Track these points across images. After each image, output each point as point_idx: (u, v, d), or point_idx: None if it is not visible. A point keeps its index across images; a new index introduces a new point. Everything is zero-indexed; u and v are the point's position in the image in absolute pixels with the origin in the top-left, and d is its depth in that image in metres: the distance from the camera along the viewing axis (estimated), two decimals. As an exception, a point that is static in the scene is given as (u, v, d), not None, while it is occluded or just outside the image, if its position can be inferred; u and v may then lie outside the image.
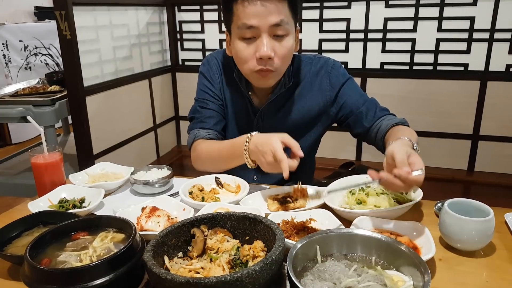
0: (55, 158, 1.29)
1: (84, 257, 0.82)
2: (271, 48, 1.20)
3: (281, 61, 1.23)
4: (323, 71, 1.39)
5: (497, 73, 2.50)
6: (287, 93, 1.39)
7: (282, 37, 1.21)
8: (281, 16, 1.18)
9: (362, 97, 1.39)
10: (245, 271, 0.67)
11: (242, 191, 1.24)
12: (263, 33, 1.19)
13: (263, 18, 1.17)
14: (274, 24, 1.18)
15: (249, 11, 1.18)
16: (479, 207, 0.96)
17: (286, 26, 1.20)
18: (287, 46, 1.22)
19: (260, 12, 1.17)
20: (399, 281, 0.73)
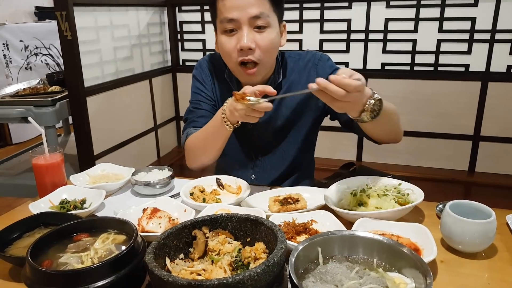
0: (56, 159, 1.29)
1: (85, 259, 0.82)
2: (251, 39, 1.23)
3: (263, 53, 1.26)
4: (310, 64, 1.42)
5: (498, 74, 2.50)
6: (277, 89, 1.38)
7: (263, 28, 1.24)
8: (261, 9, 1.22)
9: None
10: (247, 273, 0.67)
11: (243, 192, 1.24)
12: (243, 25, 1.23)
13: (242, 10, 1.22)
14: (253, 16, 1.22)
15: (230, 5, 1.23)
16: (481, 209, 0.96)
17: (266, 19, 1.23)
18: (268, 37, 1.25)
19: (240, 4, 1.21)
20: (401, 283, 0.73)
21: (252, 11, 1.21)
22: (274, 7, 1.26)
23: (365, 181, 1.17)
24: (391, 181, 1.16)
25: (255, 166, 1.48)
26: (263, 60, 1.28)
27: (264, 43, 1.25)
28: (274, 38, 1.27)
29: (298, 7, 2.78)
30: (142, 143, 2.96)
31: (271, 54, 1.30)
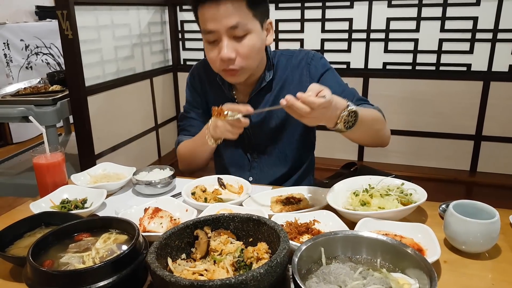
0: (57, 159, 1.28)
1: (87, 259, 0.82)
2: (231, 50, 1.22)
3: (244, 60, 1.25)
4: (303, 62, 1.41)
5: (500, 74, 2.49)
6: (269, 88, 1.42)
7: (242, 37, 1.23)
8: (237, 18, 1.19)
9: (341, 87, 1.39)
10: (250, 274, 0.66)
11: (245, 192, 1.23)
12: (222, 35, 1.21)
13: (219, 22, 1.20)
14: (230, 26, 1.20)
15: (207, 16, 1.21)
16: (484, 209, 0.95)
17: (245, 27, 1.21)
18: (248, 45, 1.23)
19: (216, 16, 1.19)
20: (404, 284, 0.73)
21: (228, 22, 1.19)
22: (252, 12, 1.22)
23: (367, 181, 1.17)
24: (393, 181, 1.15)
25: (252, 168, 1.48)
26: (246, 66, 1.27)
27: (245, 51, 1.24)
28: (256, 43, 1.25)
29: (299, 6, 2.78)
30: (143, 143, 2.95)
31: (254, 59, 1.29)
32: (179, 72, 3.26)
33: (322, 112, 1.01)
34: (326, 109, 1.01)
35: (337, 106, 1.07)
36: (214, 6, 1.18)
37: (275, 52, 1.45)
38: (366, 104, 1.39)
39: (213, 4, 1.18)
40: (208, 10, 1.20)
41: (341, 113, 1.08)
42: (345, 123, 1.10)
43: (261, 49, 1.30)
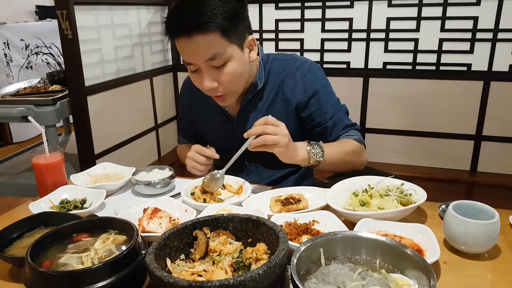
0: (57, 159, 1.28)
1: (85, 259, 0.81)
2: (211, 80, 1.21)
3: (228, 86, 1.24)
4: (298, 73, 1.37)
5: (501, 73, 2.49)
6: (261, 95, 1.39)
7: (222, 66, 1.20)
8: (213, 50, 1.15)
9: (332, 109, 1.39)
10: (249, 274, 0.66)
11: (244, 192, 1.23)
12: (201, 66, 1.20)
13: (195, 55, 1.17)
14: (208, 59, 1.17)
15: (182, 49, 1.19)
16: (484, 209, 0.95)
17: (222, 56, 1.17)
18: (229, 72, 1.21)
19: (191, 49, 1.16)
20: (404, 284, 0.72)
21: (204, 56, 1.16)
22: (228, 39, 1.17)
23: (367, 181, 1.16)
24: (393, 181, 1.15)
25: (250, 173, 1.47)
26: (231, 90, 1.27)
27: (226, 79, 1.22)
28: (237, 68, 1.22)
29: (299, 6, 2.78)
30: (143, 143, 2.96)
31: (238, 82, 1.27)
32: (179, 72, 3.26)
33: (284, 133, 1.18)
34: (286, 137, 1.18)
35: (297, 145, 1.25)
36: (187, 40, 1.14)
37: (267, 56, 1.42)
38: (353, 130, 1.43)
39: (186, 38, 1.14)
40: (182, 43, 1.17)
41: (306, 147, 1.25)
42: (315, 155, 1.25)
43: (244, 71, 1.27)
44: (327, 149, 1.28)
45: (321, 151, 1.27)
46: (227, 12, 1.14)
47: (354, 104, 2.78)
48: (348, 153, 1.35)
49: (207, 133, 1.55)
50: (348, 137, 1.40)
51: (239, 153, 1.23)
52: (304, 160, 1.25)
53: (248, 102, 1.39)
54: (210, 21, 1.12)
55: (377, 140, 2.82)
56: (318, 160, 1.26)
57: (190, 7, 1.14)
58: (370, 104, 2.77)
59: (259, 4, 2.85)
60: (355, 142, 1.38)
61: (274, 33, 2.89)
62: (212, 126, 1.50)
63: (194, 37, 1.13)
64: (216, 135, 1.51)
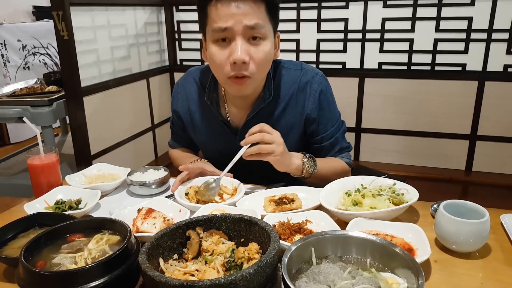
0: (51, 159, 1.29)
1: (79, 260, 0.82)
2: (245, 52, 1.15)
3: (256, 67, 1.19)
4: (308, 88, 1.35)
5: (495, 73, 2.50)
6: (269, 107, 1.35)
7: (258, 40, 1.17)
8: (257, 19, 1.14)
9: (333, 129, 1.40)
10: (239, 274, 0.67)
11: (238, 193, 1.24)
12: (237, 35, 1.15)
13: (237, 20, 1.13)
14: (249, 26, 1.14)
15: (223, 13, 1.13)
16: (475, 209, 0.96)
17: (262, 30, 1.16)
18: (264, 50, 1.18)
19: (235, 13, 1.13)
20: (393, 283, 0.73)
21: (247, 21, 1.13)
22: (270, 17, 1.18)
23: (360, 181, 1.17)
24: (386, 181, 1.16)
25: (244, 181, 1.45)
26: (256, 75, 1.21)
27: (259, 57, 1.18)
28: (269, 51, 1.20)
29: (295, 6, 2.79)
30: (140, 143, 2.96)
31: (265, 69, 1.24)
32: (175, 72, 3.26)
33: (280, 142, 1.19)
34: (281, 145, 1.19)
35: (293, 154, 1.25)
36: (234, 3, 1.12)
37: (275, 63, 1.37)
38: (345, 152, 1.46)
39: (233, 0, 1.12)
40: (226, 7, 1.13)
41: (302, 159, 1.26)
42: (309, 167, 1.27)
43: (271, 60, 1.24)
44: (319, 164, 1.31)
45: (315, 165, 1.29)
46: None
47: (350, 104, 2.79)
48: (336, 173, 1.37)
49: (203, 142, 1.50)
50: (341, 158, 1.44)
51: (234, 161, 1.23)
52: (297, 170, 1.26)
53: (255, 116, 1.34)
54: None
55: (372, 140, 2.84)
56: (310, 173, 1.28)
57: None
58: (366, 104, 2.78)
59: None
60: (345, 165, 1.43)
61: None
62: (210, 135, 1.45)
63: (243, 0, 1.12)
64: (214, 145, 1.46)
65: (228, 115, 1.40)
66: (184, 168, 1.31)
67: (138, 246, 0.84)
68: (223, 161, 1.29)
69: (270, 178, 1.38)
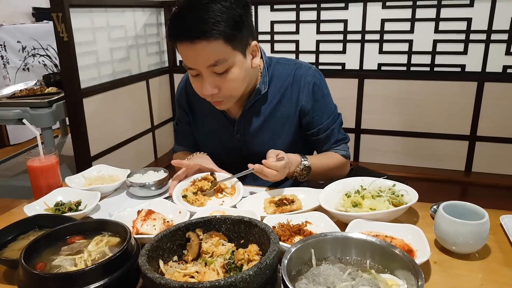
0: (51, 161, 1.29)
1: (79, 261, 0.82)
2: (212, 86, 1.19)
3: (228, 92, 1.22)
4: (303, 80, 1.37)
5: (494, 74, 2.51)
6: (264, 99, 1.39)
7: (224, 72, 1.18)
8: (216, 57, 1.14)
9: (328, 121, 1.42)
10: (239, 275, 0.67)
11: (237, 193, 1.24)
12: (203, 72, 1.18)
13: (197, 61, 1.15)
14: (209, 65, 1.15)
15: (184, 54, 1.17)
16: (474, 210, 0.96)
17: (225, 63, 1.16)
18: (231, 79, 1.19)
19: (194, 55, 1.14)
20: (393, 284, 0.73)
21: (206, 62, 1.14)
22: (231, 46, 1.15)
23: (359, 182, 1.18)
24: (385, 182, 1.16)
25: (246, 177, 1.46)
26: (231, 95, 1.25)
27: (228, 85, 1.20)
28: (239, 75, 1.21)
29: (294, 8, 2.79)
30: (139, 144, 2.96)
31: (239, 88, 1.26)
32: (175, 73, 3.27)
33: (283, 172, 1.22)
34: (286, 169, 1.23)
35: (292, 163, 1.29)
36: (189, 46, 1.12)
37: (270, 60, 1.41)
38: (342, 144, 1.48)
39: (188, 44, 1.12)
40: (184, 48, 1.15)
41: (296, 167, 1.31)
42: (300, 176, 1.32)
43: (246, 76, 1.25)
44: (313, 163, 1.34)
45: (306, 174, 1.34)
46: (231, 19, 1.12)
47: (349, 105, 2.80)
48: (331, 167, 1.42)
49: (203, 135, 1.53)
50: (336, 151, 1.45)
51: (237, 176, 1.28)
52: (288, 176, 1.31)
53: (251, 106, 1.38)
54: (213, 28, 1.10)
55: (372, 140, 2.84)
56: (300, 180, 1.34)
57: (192, 13, 1.11)
58: (365, 105, 2.78)
59: (255, 6, 2.86)
60: (341, 157, 1.45)
61: (270, 35, 2.90)
62: (210, 127, 1.49)
63: (197, 43, 1.11)
64: (214, 138, 1.50)
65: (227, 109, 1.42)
66: (177, 163, 1.32)
67: (138, 248, 0.84)
68: (224, 153, 1.36)
69: None
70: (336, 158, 1.44)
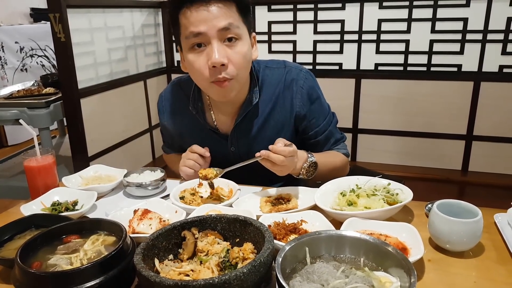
0: (48, 161, 1.29)
1: (74, 260, 0.83)
2: (223, 54, 1.14)
3: (236, 68, 1.17)
4: (295, 84, 1.34)
5: (490, 74, 2.52)
6: (256, 110, 1.34)
7: (234, 41, 1.16)
8: (229, 20, 1.13)
9: (325, 122, 1.40)
10: (233, 273, 0.68)
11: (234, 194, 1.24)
12: (212, 39, 1.13)
13: (209, 23, 1.12)
14: (222, 28, 1.12)
15: (195, 18, 1.12)
16: (468, 208, 0.97)
17: (236, 30, 1.14)
18: (241, 52, 1.17)
19: (206, 17, 1.11)
20: (386, 282, 0.74)
21: (220, 23, 1.12)
22: (243, 17, 1.16)
23: (355, 181, 1.18)
24: (380, 181, 1.17)
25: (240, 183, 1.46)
26: (237, 76, 1.19)
27: (237, 58, 1.16)
28: (247, 51, 1.19)
29: (291, 8, 2.80)
30: (137, 145, 2.96)
31: (245, 69, 1.22)
32: (173, 73, 3.27)
33: (290, 160, 1.15)
34: (293, 157, 1.17)
35: (300, 158, 1.23)
36: (203, 7, 1.11)
37: (258, 65, 1.37)
38: (341, 143, 1.47)
39: (203, 4, 1.11)
40: (196, 11, 1.12)
41: (303, 164, 1.25)
42: (307, 173, 1.27)
43: (250, 60, 1.23)
44: (319, 161, 1.29)
45: (313, 171, 1.28)
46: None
47: (347, 105, 2.81)
48: (336, 166, 1.40)
49: None
50: (338, 150, 1.45)
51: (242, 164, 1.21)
52: (295, 173, 1.27)
53: (243, 121, 1.34)
54: None
55: (369, 140, 2.85)
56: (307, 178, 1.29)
57: None
58: (362, 105, 2.79)
59: (252, 6, 2.86)
60: (344, 156, 1.45)
61: (267, 35, 2.91)
62: (201, 144, 1.39)
63: (212, 3, 1.11)
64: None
65: (216, 122, 1.39)
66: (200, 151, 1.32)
67: (133, 246, 0.85)
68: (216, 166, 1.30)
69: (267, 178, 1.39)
70: (340, 156, 1.44)
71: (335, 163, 1.40)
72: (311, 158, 1.27)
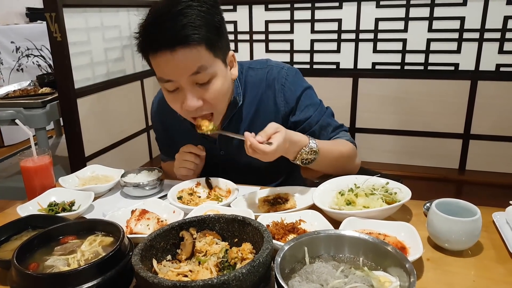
0: (44, 161, 1.28)
1: (72, 261, 0.82)
2: (196, 99, 1.12)
3: (213, 104, 1.16)
4: (276, 83, 1.31)
5: (487, 73, 2.52)
6: (241, 112, 1.32)
7: (207, 82, 1.12)
8: (199, 63, 1.07)
9: (316, 112, 1.34)
10: (232, 273, 0.67)
11: (232, 194, 1.24)
12: (183, 84, 1.10)
13: (178, 71, 1.07)
14: (192, 73, 1.08)
15: (162, 66, 1.08)
16: (467, 207, 0.97)
17: (207, 70, 1.09)
18: (215, 89, 1.13)
19: (174, 64, 1.06)
20: (386, 281, 0.74)
21: (189, 70, 1.07)
22: (213, 52, 1.09)
23: (353, 180, 1.18)
24: (379, 180, 1.16)
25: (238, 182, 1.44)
26: (216, 109, 1.19)
27: (212, 96, 1.13)
28: (222, 85, 1.15)
29: (289, 7, 2.79)
30: (134, 144, 2.95)
31: (223, 101, 1.21)
32: (170, 73, 3.26)
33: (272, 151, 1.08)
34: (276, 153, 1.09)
35: (297, 143, 1.16)
36: (169, 55, 1.04)
37: (241, 66, 1.33)
38: (342, 132, 1.39)
39: (167, 53, 1.04)
40: (162, 59, 1.06)
41: (301, 149, 1.17)
42: (303, 160, 1.19)
43: (228, 88, 1.20)
44: (322, 147, 1.21)
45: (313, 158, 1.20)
46: (211, 24, 1.07)
47: (344, 104, 2.81)
48: (343, 155, 1.31)
49: None
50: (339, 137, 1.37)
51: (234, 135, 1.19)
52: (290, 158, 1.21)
53: (230, 121, 1.32)
54: (194, 33, 1.03)
55: (367, 139, 2.85)
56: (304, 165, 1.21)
57: (169, 20, 1.04)
58: (360, 104, 2.80)
59: (249, 5, 2.86)
60: (351, 145, 1.35)
61: (264, 34, 2.90)
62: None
63: (177, 51, 1.04)
64: None
65: None
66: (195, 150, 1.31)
67: (131, 247, 0.84)
68: (210, 171, 1.32)
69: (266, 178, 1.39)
70: (348, 145, 1.33)
71: (341, 151, 1.31)
72: (312, 144, 1.19)
